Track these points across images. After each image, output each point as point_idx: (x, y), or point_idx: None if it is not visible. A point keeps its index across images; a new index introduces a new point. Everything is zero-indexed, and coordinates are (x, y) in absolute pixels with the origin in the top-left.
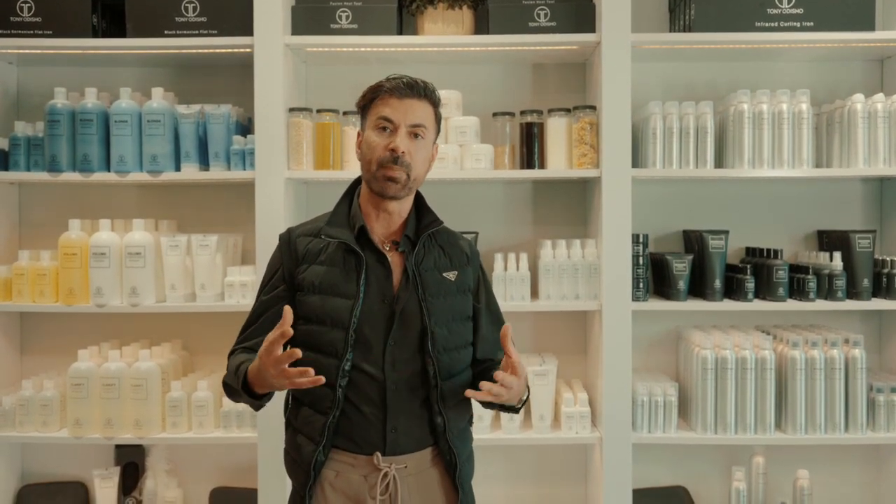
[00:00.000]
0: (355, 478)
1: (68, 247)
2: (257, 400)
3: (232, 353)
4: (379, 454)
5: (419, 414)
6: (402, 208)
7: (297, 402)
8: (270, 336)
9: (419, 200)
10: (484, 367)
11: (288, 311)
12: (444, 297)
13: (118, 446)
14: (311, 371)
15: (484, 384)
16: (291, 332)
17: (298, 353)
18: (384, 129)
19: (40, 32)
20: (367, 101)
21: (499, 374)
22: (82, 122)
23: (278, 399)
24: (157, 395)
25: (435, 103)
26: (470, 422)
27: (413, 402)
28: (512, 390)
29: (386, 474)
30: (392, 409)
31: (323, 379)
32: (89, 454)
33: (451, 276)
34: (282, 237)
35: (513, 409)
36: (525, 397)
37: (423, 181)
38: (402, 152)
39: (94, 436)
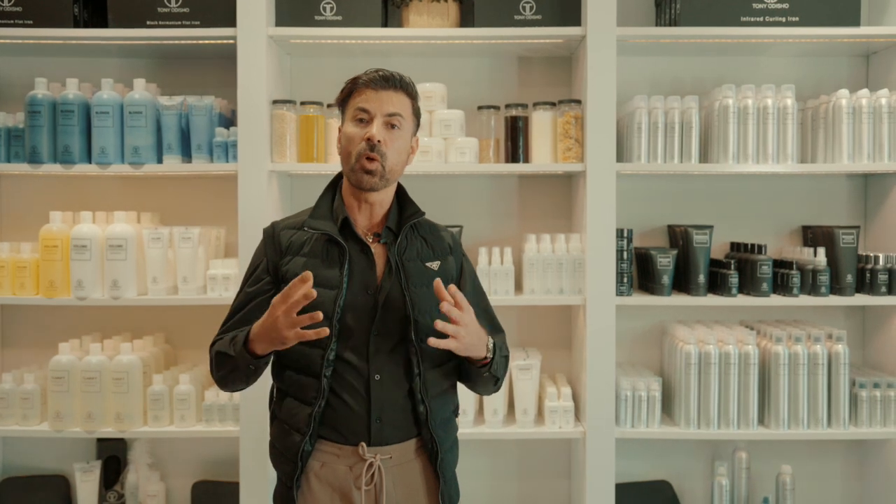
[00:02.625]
0: (341, 468)
1: (49, 239)
2: (257, 360)
3: (216, 341)
4: (364, 445)
5: (403, 404)
6: (383, 199)
7: (282, 394)
8: (292, 285)
9: (401, 192)
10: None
11: (309, 274)
12: (427, 286)
13: (100, 440)
14: (320, 314)
15: (437, 323)
16: (314, 294)
17: (314, 293)
18: (361, 120)
19: (21, 22)
20: (346, 96)
21: (444, 306)
22: (63, 113)
23: (262, 392)
24: (138, 388)
25: (412, 95)
26: (455, 412)
27: (397, 393)
28: (469, 327)
29: (371, 465)
30: (376, 399)
31: (321, 315)
32: (71, 448)
33: (433, 265)
34: (266, 231)
35: (490, 374)
36: (492, 354)
37: (402, 173)
38: (378, 141)
39: (75, 429)
